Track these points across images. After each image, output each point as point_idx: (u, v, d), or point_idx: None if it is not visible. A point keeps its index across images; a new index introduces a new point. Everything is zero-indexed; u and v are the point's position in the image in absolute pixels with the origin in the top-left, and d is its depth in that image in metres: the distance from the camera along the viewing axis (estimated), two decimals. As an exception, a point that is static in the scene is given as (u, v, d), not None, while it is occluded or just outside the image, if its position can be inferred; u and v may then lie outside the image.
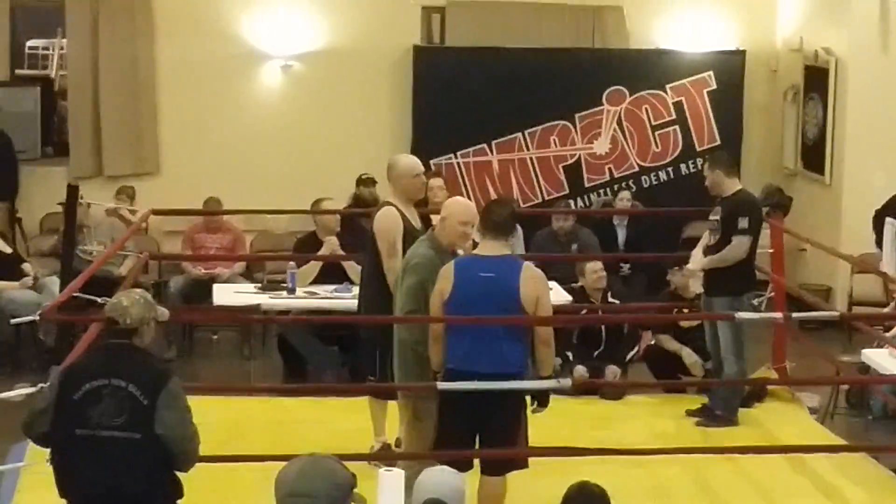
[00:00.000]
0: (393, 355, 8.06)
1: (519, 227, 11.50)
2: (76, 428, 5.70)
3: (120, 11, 13.82)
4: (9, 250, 12.06)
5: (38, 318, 8.28)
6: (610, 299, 10.98)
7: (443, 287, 7.38)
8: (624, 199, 13.49)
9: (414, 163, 8.81)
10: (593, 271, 10.92)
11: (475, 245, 7.94)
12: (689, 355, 10.65)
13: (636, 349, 11.06)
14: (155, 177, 14.06)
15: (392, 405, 8.69)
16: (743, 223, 9.72)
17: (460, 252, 7.89)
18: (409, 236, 8.29)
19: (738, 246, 9.73)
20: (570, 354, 10.71)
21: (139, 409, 5.66)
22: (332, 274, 11.19)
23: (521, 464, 7.50)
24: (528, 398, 7.51)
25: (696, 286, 10.43)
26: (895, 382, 9.74)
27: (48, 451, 5.96)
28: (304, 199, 12.35)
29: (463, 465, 6.74)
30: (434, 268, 7.61)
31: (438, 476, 5.45)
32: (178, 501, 5.89)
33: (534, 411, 7.53)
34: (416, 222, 8.58)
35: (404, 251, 8.18)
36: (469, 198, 13.51)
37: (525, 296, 7.25)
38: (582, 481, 5.34)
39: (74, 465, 5.75)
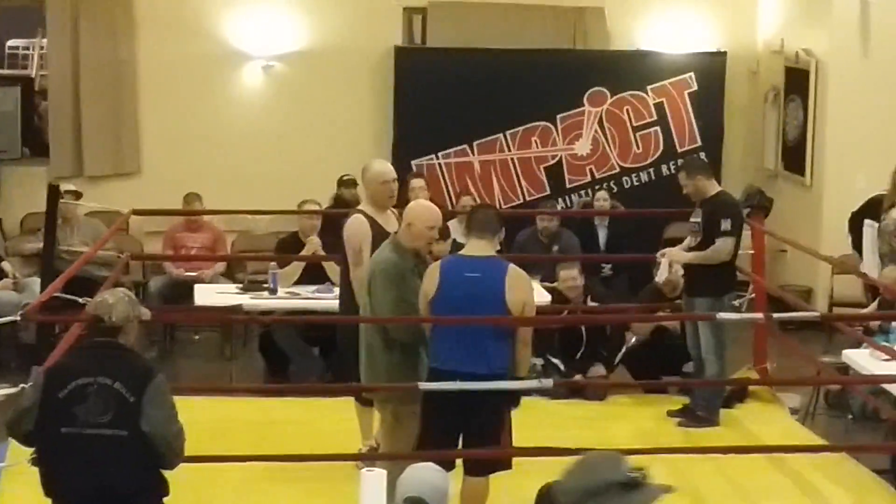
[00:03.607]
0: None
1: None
2: (62, 426, 5.70)
3: (100, 11, 13.78)
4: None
5: (19, 318, 8.26)
6: (590, 304, 10.97)
7: (428, 287, 7.40)
8: (601, 199, 13.48)
9: (384, 169, 8.81)
10: (564, 280, 10.89)
11: (458, 247, 7.97)
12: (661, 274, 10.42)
13: (623, 350, 11.04)
14: (136, 177, 14.02)
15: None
16: (725, 225, 9.76)
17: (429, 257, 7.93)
18: (381, 241, 8.30)
19: (723, 247, 9.77)
20: (552, 359, 10.71)
21: (125, 406, 5.66)
22: (313, 275, 11.20)
23: (505, 465, 7.51)
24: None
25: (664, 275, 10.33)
26: (875, 383, 9.76)
27: (29, 451, 5.95)
28: (286, 200, 12.35)
29: (445, 466, 6.73)
30: (398, 272, 7.64)
31: (421, 473, 5.44)
32: (165, 499, 5.90)
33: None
34: (391, 226, 8.57)
35: None
36: (450, 199, 13.59)
37: (510, 298, 7.27)
38: (553, 481, 5.33)
39: (61, 464, 5.74)
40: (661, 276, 10.18)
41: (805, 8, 14.07)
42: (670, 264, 10.07)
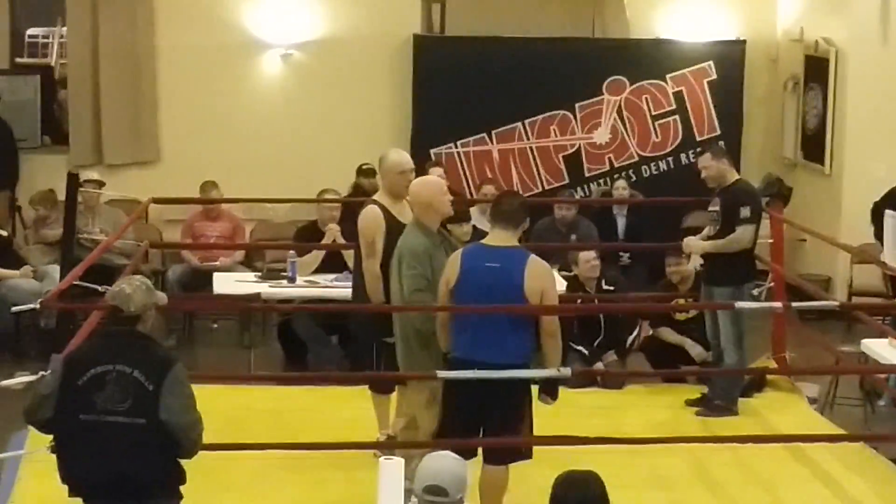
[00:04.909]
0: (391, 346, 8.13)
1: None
2: (80, 413, 5.71)
3: (120, 0, 13.81)
4: (5, 233, 12.08)
5: (38, 306, 8.28)
6: (604, 286, 10.96)
7: (449, 275, 7.42)
8: (620, 188, 13.47)
9: (402, 159, 8.78)
10: (586, 261, 10.91)
11: (477, 234, 7.99)
12: (692, 346, 10.64)
13: (635, 333, 11.05)
14: (155, 165, 14.05)
15: (393, 398, 8.75)
16: (745, 212, 9.73)
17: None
18: (395, 233, 8.31)
19: (742, 235, 9.74)
20: (575, 346, 10.71)
21: (144, 394, 5.67)
22: (332, 263, 11.22)
23: (525, 454, 7.51)
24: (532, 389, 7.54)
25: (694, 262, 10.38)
26: (893, 372, 9.75)
27: (49, 438, 5.97)
28: (305, 188, 12.38)
29: (465, 454, 6.75)
30: (426, 251, 7.71)
31: (440, 462, 5.46)
32: (181, 487, 5.91)
33: (541, 399, 7.55)
34: (405, 217, 8.57)
35: (391, 248, 8.22)
36: (469, 188, 13.61)
37: (529, 288, 7.27)
38: (570, 469, 5.34)
39: (78, 451, 5.76)
40: (692, 263, 10.26)
41: (825, -4, 14.05)
42: (689, 256, 10.07)
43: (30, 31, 16.96)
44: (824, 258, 13.56)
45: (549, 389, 7.59)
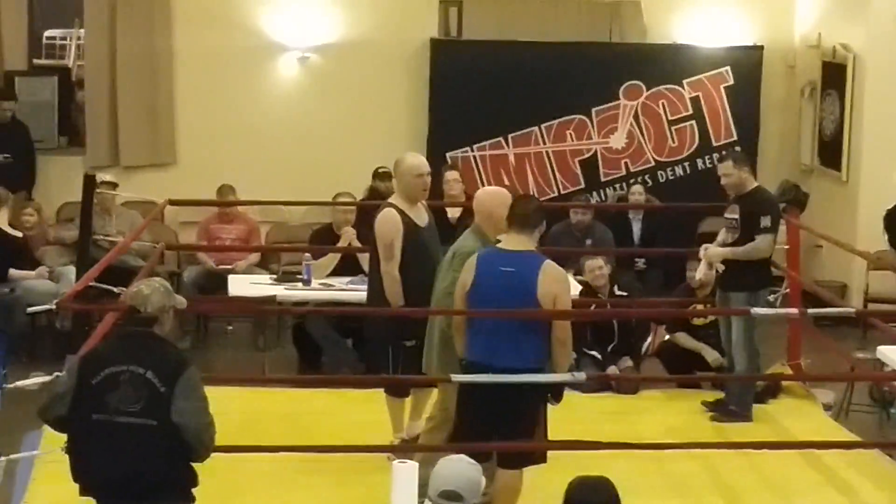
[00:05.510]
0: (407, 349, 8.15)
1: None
2: (93, 413, 5.73)
3: (138, 2, 13.81)
4: (20, 234, 12.12)
5: (53, 307, 8.31)
6: (617, 292, 10.94)
7: (465, 279, 7.44)
8: (636, 192, 13.48)
9: (418, 162, 8.78)
10: (590, 270, 10.84)
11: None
12: (709, 352, 10.61)
13: (648, 339, 11.04)
14: (171, 167, 14.06)
15: (407, 402, 8.77)
16: (765, 221, 9.71)
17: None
18: (412, 236, 8.30)
19: (762, 243, 9.72)
20: (588, 352, 10.69)
21: (156, 396, 5.68)
22: (348, 266, 11.23)
23: (539, 458, 7.51)
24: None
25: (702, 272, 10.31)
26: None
27: (63, 439, 5.98)
28: (320, 191, 12.39)
29: (480, 458, 6.74)
30: None
31: (455, 466, 5.46)
32: (193, 490, 5.91)
33: (546, 401, 7.55)
34: (422, 220, 8.57)
35: (408, 251, 8.22)
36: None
37: (542, 293, 7.26)
38: (582, 475, 5.34)
39: (89, 450, 5.78)
40: (700, 272, 10.17)
41: (842, 2, 14.00)
42: (710, 264, 10.02)
43: (47, 33, 17.01)
44: (840, 265, 13.54)
45: (554, 391, 7.58)
